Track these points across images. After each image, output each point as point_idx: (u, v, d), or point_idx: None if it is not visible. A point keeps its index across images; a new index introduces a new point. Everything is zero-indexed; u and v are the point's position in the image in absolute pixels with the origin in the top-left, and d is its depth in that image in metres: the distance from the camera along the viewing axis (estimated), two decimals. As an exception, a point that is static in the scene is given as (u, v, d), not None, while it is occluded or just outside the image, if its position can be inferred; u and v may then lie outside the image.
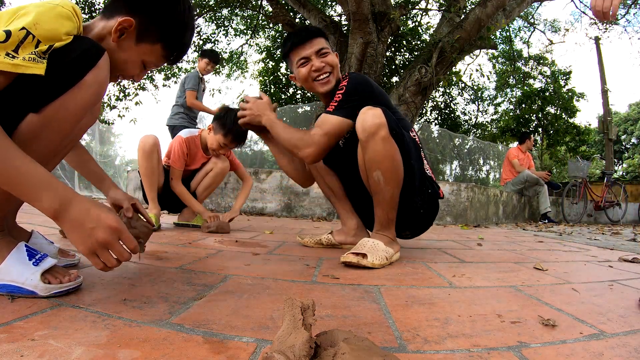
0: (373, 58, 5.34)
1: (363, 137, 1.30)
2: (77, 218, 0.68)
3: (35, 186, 0.65)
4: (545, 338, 0.66)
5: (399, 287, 1.01)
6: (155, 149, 2.12)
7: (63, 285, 0.76)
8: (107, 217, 0.69)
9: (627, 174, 23.32)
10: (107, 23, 0.88)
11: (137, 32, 0.88)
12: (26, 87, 0.70)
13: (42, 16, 0.70)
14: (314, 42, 1.49)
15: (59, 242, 1.30)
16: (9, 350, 0.52)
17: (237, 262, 1.25)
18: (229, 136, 2.11)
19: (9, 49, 0.65)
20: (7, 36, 0.65)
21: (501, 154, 11.15)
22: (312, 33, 1.51)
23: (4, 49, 0.65)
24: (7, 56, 0.65)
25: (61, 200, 0.67)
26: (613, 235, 3.32)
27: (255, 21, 9.53)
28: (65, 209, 0.67)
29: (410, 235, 1.60)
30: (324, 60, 1.49)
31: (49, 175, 0.67)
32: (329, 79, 1.50)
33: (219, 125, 2.13)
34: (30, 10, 0.70)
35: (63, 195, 0.68)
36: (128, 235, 0.73)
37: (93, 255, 0.69)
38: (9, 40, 0.65)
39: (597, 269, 1.44)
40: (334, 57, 1.51)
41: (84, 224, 0.68)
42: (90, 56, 0.77)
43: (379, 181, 1.32)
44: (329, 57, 1.50)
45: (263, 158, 10.49)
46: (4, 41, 0.65)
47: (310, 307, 0.50)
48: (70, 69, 0.74)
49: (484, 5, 5.31)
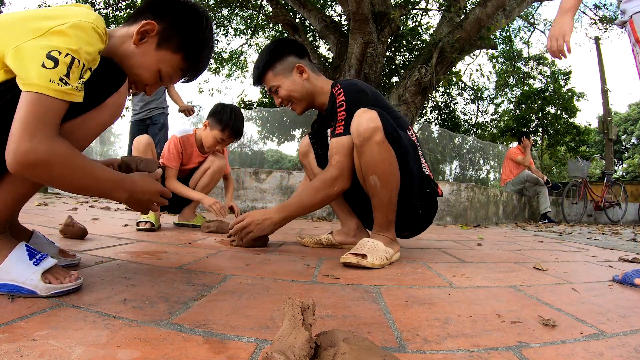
0: (373, 58, 5.34)
1: (358, 142, 1.29)
2: (139, 197, 0.87)
3: (113, 189, 0.82)
4: (545, 338, 0.66)
5: (399, 287, 1.01)
6: (150, 149, 2.12)
7: (63, 286, 0.76)
8: (154, 187, 0.91)
9: (627, 174, 23.32)
10: (130, 28, 0.89)
11: (159, 38, 0.90)
12: None
13: (82, 40, 0.72)
14: (264, 82, 1.56)
15: (59, 242, 1.30)
16: (9, 350, 0.52)
17: (237, 262, 1.25)
18: (226, 131, 2.11)
19: (61, 74, 0.68)
20: (55, 63, 0.68)
21: (501, 154, 11.15)
22: (256, 77, 1.56)
23: (57, 74, 0.68)
24: (61, 82, 0.68)
25: (128, 190, 0.84)
26: (613, 235, 3.32)
27: (255, 21, 9.53)
28: (131, 195, 0.85)
29: (409, 235, 1.60)
30: (278, 96, 1.55)
31: (117, 174, 0.83)
32: (293, 106, 1.58)
33: (215, 120, 2.13)
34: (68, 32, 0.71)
35: (128, 186, 0.84)
36: (165, 190, 0.94)
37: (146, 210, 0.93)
38: (58, 67, 0.68)
39: (597, 269, 1.44)
40: (284, 89, 1.52)
41: (141, 198, 0.88)
42: (115, 80, 0.83)
43: (376, 185, 1.31)
44: (280, 92, 1.53)
45: (263, 158, 10.51)
46: (53, 67, 0.67)
47: (310, 307, 0.49)
48: (96, 91, 0.79)
49: (484, 5, 5.31)
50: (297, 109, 1.57)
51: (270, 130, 10.66)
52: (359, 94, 1.43)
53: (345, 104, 1.40)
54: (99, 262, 1.11)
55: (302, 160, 1.77)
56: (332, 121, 1.50)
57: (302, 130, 10.16)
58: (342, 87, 1.44)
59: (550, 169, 14.03)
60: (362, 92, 1.44)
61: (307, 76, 1.53)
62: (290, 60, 1.52)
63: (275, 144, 11.62)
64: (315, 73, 1.57)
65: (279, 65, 1.51)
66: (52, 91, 0.67)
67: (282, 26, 7.06)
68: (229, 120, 2.10)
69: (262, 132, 10.68)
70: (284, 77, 1.51)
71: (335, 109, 1.44)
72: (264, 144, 11.06)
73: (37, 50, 0.67)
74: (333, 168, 1.40)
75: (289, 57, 1.52)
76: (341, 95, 1.43)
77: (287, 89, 1.51)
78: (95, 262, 1.12)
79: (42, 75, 0.66)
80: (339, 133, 1.41)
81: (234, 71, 12.04)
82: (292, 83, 1.51)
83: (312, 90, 1.54)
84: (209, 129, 2.16)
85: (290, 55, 1.53)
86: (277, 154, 19.97)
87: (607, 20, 9.05)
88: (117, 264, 1.11)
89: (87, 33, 0.73)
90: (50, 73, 0.67)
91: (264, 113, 10.53)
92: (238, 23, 10.31)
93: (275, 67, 1.51)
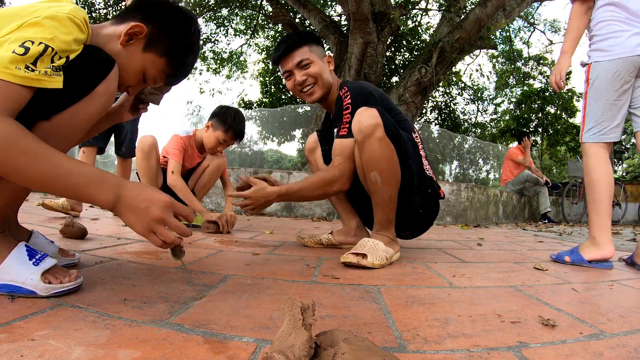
0: (373, 58, 5.34)
1: (359, 138, 1.30)
2: (131, 202, 0.71)
3: (89, 185, 0.68)
4: (545, 338, 0.66)
5: (399, 287, 1.01)
6: (154, 149, 2.12)
7: (63, 286, 0.76)
8: (159, 195, 0.73)
9: (627, 174, 23.31)
10: (117, 27, 0.88)
11: (147, 40, 0.89)
12: (39, 96, 0.70)
13: (57, 30, 0.70)
14: (294, 54, 1.49)
15: (59, 242, 1.30)
16: (9, 350, 0.52)
17: (237, 262, 1.25)
18: (229, 132, 2.12)
19: (28, 62, 0.66)
20: (25, 50, 0.65)
21: (501, 154, 11.14)
22: (291, 45, 1.50)
23: (23, 61, 0.65)
24: (27, 69, 0.65)
25: (114, 191, 0.70)
26: (613, 236, 3.32)
27: (255, 21, 9.54)
28: (119, 198, 0.70)
29: (409, 236, 1.60)
30: (305, 72, 1.49)
31: (97, 171, 0.70)
32: (313, 89, 1.52)
33: (219, 121, 2.13)
34: (43, 23, 0.69)
35: (115, 186, 0.71)
36: (181, 206, 0.76)
37: (150, 233, 0.72)
38: (28, 54, 0.65)
39: (597, 269, 1.44)
40: (316, 67, 1.49)
41: (138, 205, 0.71)
42: (103, 67, 0.79)
43: (377, 182, 1.32)
44: (311, 68, 1.49)
45: (263, 158, 10.50)
46: (23, 54, 0.65)
47: (310, 307, 0.49)
48: (83, 79, 0.76)
49: (484, 5, 5.32)
50: (315, 93, 1.53)
51: (270, 130, 10.66)
52: (366, 97, 1.43)
53: (351, 107, 1.42)
54: (99, 262, 1.11)
55: (309, 156, 1.78)
56: (337, 121, 1.51)
57: (302, 130, 10.16)
58: (349, 90, 1.46)
59: (550, 169, 14.02)
60: (370, 95, 1.45)
61: (332, 69, 1.56)
62: (322, 49, 1.56)
63: (275, 144, 11.63)
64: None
65: (315, 47, 1.53)
66: (13, 76, 0.64)
67: (282, 26, 7.06)
68: (233, 122, 2.11)
69: (262, 132, 10.69)
70: (318, 57, 1.52)
71: (341, 111, 1.46)
72: (264, 144, 11.07)
73: (11, 42, 0.66)
74: (334, 169, 1.42)
75: (321, 46, 1.56)
76: (348, 97, 1.44)
77: (319, 69, 1.51)
78: (95, 262, 1.12)
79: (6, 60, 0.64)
80: (343, 135, 1.42)
81: (233, 72, 12.04)
82: (323, 66, 1.53)
83: (330, 84, 1.56)
84: (212, 129, 2.16)
85: (322, 46, 1.56)
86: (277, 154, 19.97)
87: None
88: (117, 264, 1.11)
89: (62, 23, 0.71)
90: (17, 59, 0.64)
91: (264, 113, 10.53)
92: (238, 23, 10.31)
93: (312, 46, 1.52)
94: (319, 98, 1.54)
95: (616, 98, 1.50)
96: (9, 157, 0.63)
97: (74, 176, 0.67)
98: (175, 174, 2.12)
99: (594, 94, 1.55)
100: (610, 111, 1.52)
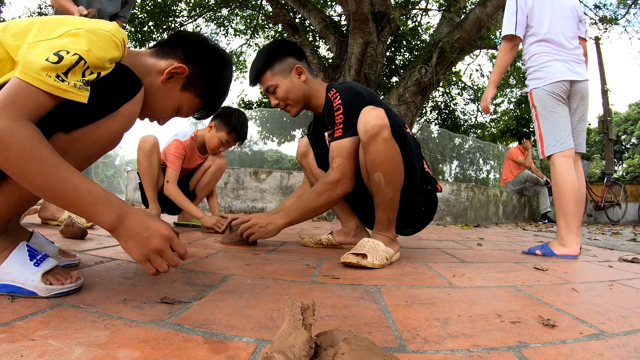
0: (373, 58, 5.34)
1: (365, 138, 1.30)
2: (133, 229, 0.72)
3: (94, 204, 0.69)
4: (545, 338, 0.66)
5: (399, 287, 1.01)
6: (155, 149, 2.12)
7: (64, 287, 0.76)
8: (160, 226, 0.74)
9: (627, 174, 23.31)
10: (157, 62, 0.90)
11: (186, 81, 0.91)
12: (62, 106, 0.69)
13: (94, 44, 0.71)
14: (261, 82, 1.54)
15: (59, 242, 1.30)
16: (9, 350, 0.52)
17: (237, 262, 1.25)
18: (232, 134, 2.12)
19: (60, 71, 0.65)
20: (59, 59, 0.65)
21: (501, 154, 11.14)
22: (257, 74, 1.53)
23: (55, 70, 0.65)
24: (57, 78, 0.65)
25: (118, 214, 0.71)
26: (613, 235, 3.32)
27: (255, 21, 9.53)
28: (121, 222, 0.71)
29: (412, 232, 1.61)
30: (275, 97, 1.53)
31: (105, 191, 0.71)
32: (288, 108, 1.56)
33: (223, 122, 2.13)
34: (82, 35, 0.70)
35: (119, 209, 0.72)
36: (179, 242, 0.77)
37: (146, 261, 0.74)
38: (60, 63, 0.65)
39: (597, 269, 1.44)
40: (282, 90, 1.50)
41: (140, 233, 0.72)
42: (130, 88, 0.80)
43: (380, 182, 1.31)
44: (278, 92, 1.51)
45: (263, 158, 10.50)
46: (56, 62, 0.65)
47: (310, 307, 0.49)
48: (109, 98, 0.76)
49: (484, 5, 5.31)
50: (292, 110, 1.56)
51: (270, 130, 10.66)
52: (355, 97, 1.43)
53: (342, 107, 1.41)
54: (99, 262, 1.11)
55: (301, 161, 1.77)
56: (330, 125, 1.50)
57: (302, 130, 10.17)
58: (338, 91, 1.45)
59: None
60: (358, 94, 1.44)
61: (305, 78, 1.52)
62: (289, 61, 1.51)
63: (275, 144, 11.62)
64: (312, 75, 1.57)
65: (277, 65, 1.50)
66: (42, 83, 0.64)
67: (282, 26, 7.06)
68: (237, 124, 2.11)
69: (262, 132, 10.68)
70: (282, 77, 1.50)
71: (332, 113, 1.45)
72: (264, 144, 11.07)
73: (48, 47, 0.67)
74: (335, 171, 1.40)
75: (288, 58, 1.52)
76: (337, 99, 1.43)
77: (285, 90, 1.50)
78: (95, 262, 1.12)
79: (39, 66, 0.64)
80: (339, 136, 1.41)
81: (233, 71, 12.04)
82: (290, 84, 1.50)
83: (309, 92, 1.54)
84: (215, 130, 2.15)
85: (289, 56, 1.52)
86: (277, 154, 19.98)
87: (607, 20, 9.04)
88: (117, 264, 1.11)
89: (100, 39, 0.72)
90: (49, 67, 0.64)
91: (264, 113, 10.53)
92: (238, 23, 10.30)
93: (274, 67, 1.50)
94: (297, 113, 1.58)
95: (559, 113, 1.81)
96: (21, 161, 0.63)
97: (81, 192, 0.68)
98: (171, 184, 2.12)
99: (543, 113, 1.83)
100: (561, 123, 1.81)
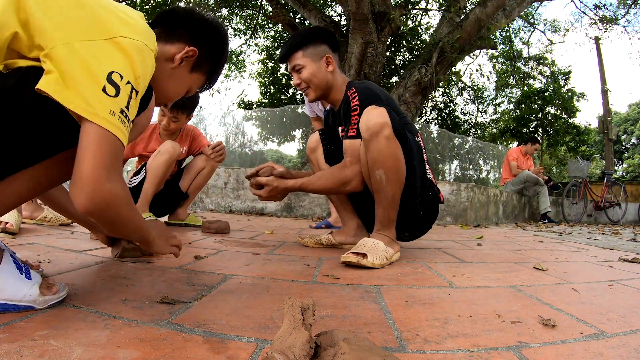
0: (373, 58, 5.34)
1: (367, 136, 1.31)
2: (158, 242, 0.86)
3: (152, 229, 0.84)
4: (545, 338, 0.66)
5: (399, 287, 1.01)
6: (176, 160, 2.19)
7: (60, 295, 0.72)
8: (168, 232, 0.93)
9: (627, 174, 23.31)
10: (164, 47, 0.88)
11: (195, 63, 0.92)
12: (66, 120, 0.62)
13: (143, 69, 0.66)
14: (291, 59, 1.56)
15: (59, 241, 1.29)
16: (9, 350, 0.52)
17: (237, 262, 1.25)
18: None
19: (122, 105, 0.61)
20: (116, 91, 0.61)
21: (501, 154, 11.14)
22: (289, 50, 1.56)
23: (117, 105, 0.60)
24: (122, 114, 0.62)
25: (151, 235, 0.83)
26: (613, 235, 3.32)
27: (255, 21, 9.53)
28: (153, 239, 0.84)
29: (408, 238, 1.60)
30: (298, 76, 1.56)
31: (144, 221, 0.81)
32: (307, 91, 1.58)
33: None
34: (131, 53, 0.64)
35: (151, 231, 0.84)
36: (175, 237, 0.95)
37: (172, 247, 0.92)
38: (119, 96, 0.61)
39: (597, 269, 1.44)
40: (307, 72, 1.53)
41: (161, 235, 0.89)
42: (146, 99, 0.79)
43: (381, 180, 1.32)
44: (303, 73, 1.54)
45: (263, 158, 10.48)
46: (114, 95, 0.60)
47: (310, 307, 0.49)
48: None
49: (484, 5, 5.31)
50: (311, 94, 1.58)
51: (270, 130, 10.65)
52: (374, 99, 1.44)
53: (359, 109, 1.43)
54: (99, 262, 1.11)
55: (310, 155, 1.78)
56: (345, 123, 1.54)
57: (302, 130, 10.15)
58: (357, 91, 1.47)
59: (550, 169, 14.01)
60: (377, 97, 1.45)
61: (333, 69, 1.56)
62: (322, 48, 1.55)
63: (275, 144, 11.61)
64: (340, 69, 1.61)
65: (311, 48, 1.54)
66: (114, 127, 0.60)
67: (282, 26, 7.06)
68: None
69: (262, 132, 10.67)
70: (311, 60, 1.54)
71: (349, 113, 1.47)
72: (264, 144, 11.06)
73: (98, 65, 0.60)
74: (349, 170, 1.46)
75: (323, 45, 1.56)
76: (355, 99, 1.46)
77: (311, 73, 1.53)
78: (95, 262, 1.12)
79: (103, 103, 0.59)
80: (352, 135, 1.44)
81: (232, 71, 12.03)
82: (317, 69, 1.54)
83: (332, 83, 1.57)
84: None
85: (324, 44, 1.56)
86: (277, 154, 19.99)
87: (607, 20, 9.04)
88: (117, 264, 1.11)
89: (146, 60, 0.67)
90: (111, 102, 0.60)
91: (264, 113, 10.52)
92: (237, 23, 10.30)
93: (307, 48, 1.54)
94: (314, 99, 1.60)
95: None
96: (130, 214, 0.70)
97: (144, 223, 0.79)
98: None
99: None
100: None
